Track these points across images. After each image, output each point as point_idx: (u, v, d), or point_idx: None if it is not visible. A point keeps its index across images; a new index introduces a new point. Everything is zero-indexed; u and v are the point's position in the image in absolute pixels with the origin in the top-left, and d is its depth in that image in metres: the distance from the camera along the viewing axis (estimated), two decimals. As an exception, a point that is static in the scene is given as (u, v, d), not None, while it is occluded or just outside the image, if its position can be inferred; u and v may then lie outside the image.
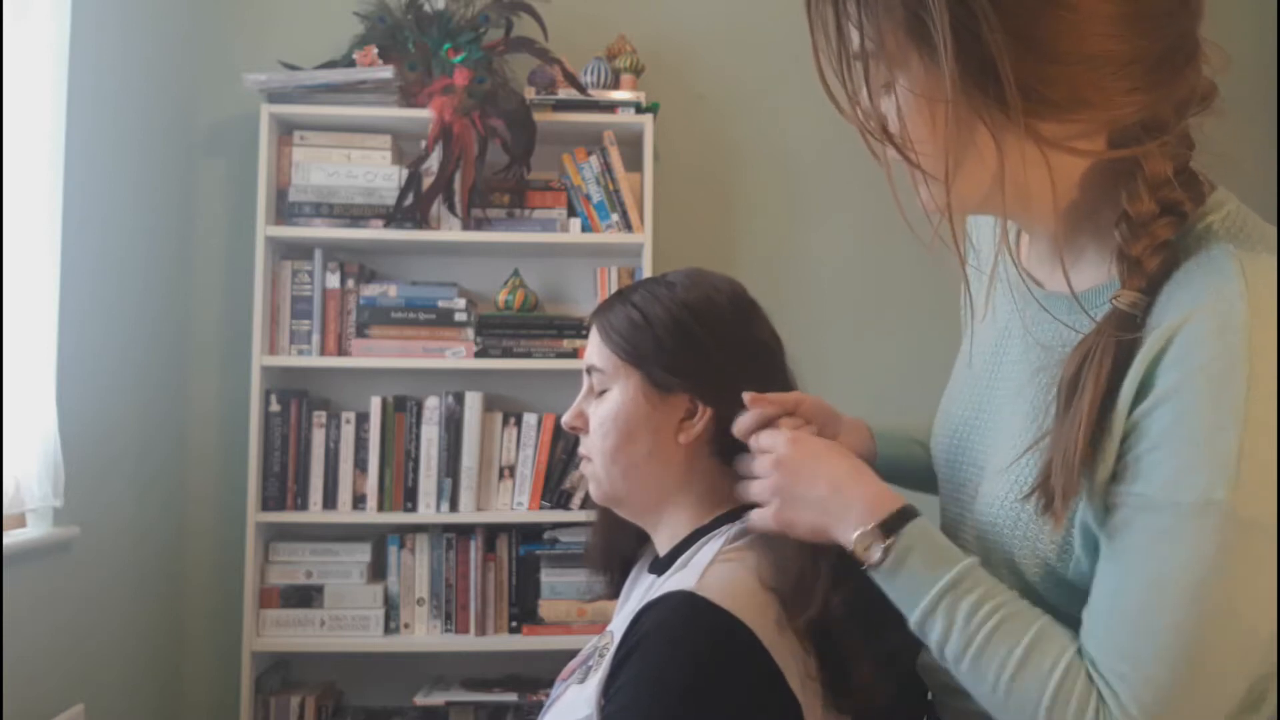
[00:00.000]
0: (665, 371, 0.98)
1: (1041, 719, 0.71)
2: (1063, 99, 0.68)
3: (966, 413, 0.89)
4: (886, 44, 0.71)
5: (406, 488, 2.39)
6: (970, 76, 0.68)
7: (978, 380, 0.88)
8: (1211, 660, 0.67)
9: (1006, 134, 0.69)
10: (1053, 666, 0.71)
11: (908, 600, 0.77)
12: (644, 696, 0.82)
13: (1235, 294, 0.66)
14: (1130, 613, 0.69)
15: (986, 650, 0.73)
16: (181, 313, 2.48)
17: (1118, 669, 0.69)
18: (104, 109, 2.09)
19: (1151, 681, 0.68)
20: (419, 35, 2.43)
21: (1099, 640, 0.71)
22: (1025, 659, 0.72)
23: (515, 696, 2.34)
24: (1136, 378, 0.68)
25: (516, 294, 2.45)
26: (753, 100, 2.67)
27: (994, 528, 0.80)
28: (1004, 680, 0.72)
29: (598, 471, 1.01)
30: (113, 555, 2.14)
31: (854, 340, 2.63)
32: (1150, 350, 0.68)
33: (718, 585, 0.87)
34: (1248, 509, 0.65)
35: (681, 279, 1.02)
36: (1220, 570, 0.66)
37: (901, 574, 0.77)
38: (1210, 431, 0.65)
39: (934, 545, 0.78)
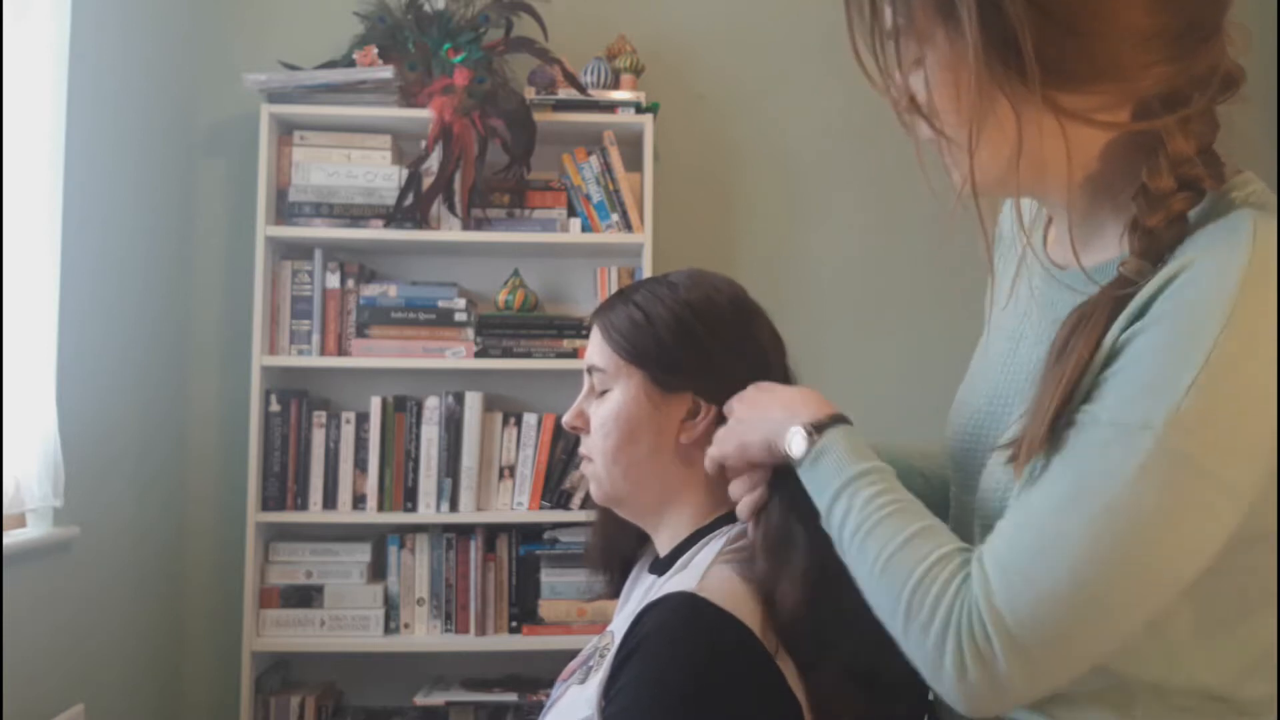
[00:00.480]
0: (668, 371, 0.98)
1: (904, 598, 0.71)
2: (1083, 71, 0.70)
3: (983, 401, 0.89)
4: (916, 18, 0.73)
5: (406, 488, 2.39)
6: (993, 49, 0.69)
7: (994, 368, 0.89)
8: (1099, 583, 0.66)
9: (1026, 105, 0.70)
10: (930, 552, 0.72)
11: (823, 489, 0.80)
12: (645, 698, 0.82)
13: (1243, 244, 0.66)
14: (1037, 514, 0.69)
15: (875, 532, 0.75)
16: (181, 313, 2.48)
17: (1004, 559, 0.69)
18: (104, 109, 2.09)
19: (1030, 581, 0.67)
20: (419, 35, 2.43)
21: (997, 535, 0.71)
22: (906, 542, 0.74)
23: (515, 696, 2.34)
24: (1133, 308, 0.69)
25: (516, 294, 2.45)
26: (753, 100, 2.67)
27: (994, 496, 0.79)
28: (881, 559, 0.74)
29: (599, 472, 1.01)
30: (113, 555, 2.14)
31: (854, 340, 2.63)
32: (1153, 285, 0.68)
33: (719, 586, 0.87)
34: (1184, 442, 0.64)
35: (683, 279, 1.02)
36: (1136, 495, 0.65)
37: (820, 464, 0.81)
38: (1171, 361, 0.65)
39: (853, 445, 0.82)
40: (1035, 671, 0.68)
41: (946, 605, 0.70)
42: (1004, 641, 0.67)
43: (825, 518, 0.80)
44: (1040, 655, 0.67)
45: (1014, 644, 0.67)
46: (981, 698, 0.69)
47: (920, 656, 0.71)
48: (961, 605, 0.69)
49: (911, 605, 0.71)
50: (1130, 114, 0.72)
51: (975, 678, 0.68)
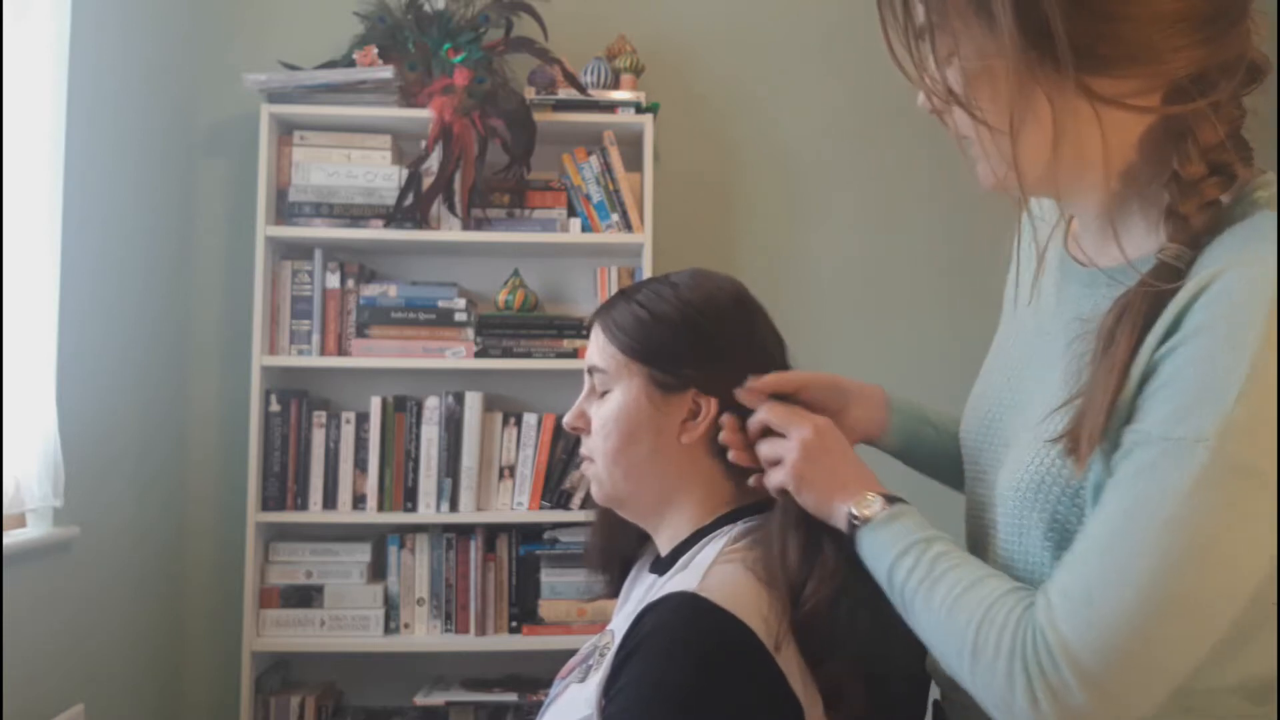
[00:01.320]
0: (671, 368, 0.98)
1: (970, 637, 0.72)
2: (1115, 55, 0.71)
3: (1000, 394, 0.89)
4: (949, 13, 0.74)
5: (406, 488, 2.39)
6: (1027, 37, 0.70)
7: (1012, 364, 0.89)
8: (1168, 601, 0.65)
9: (1061, 93, 0.71)
10: (994, 590, 0.73)
11: (888, 546, 0.81)
12: (645, 698, 0.82)
13: (1271, 249, 0.66)
14: (1100, 540, 0.68)
15: (942, 579, 0.76)
16: (181, 313, 2.48)
17: (1067, 586, 0.68)
18: (104, 109, 2.09)
19: (1095, 606, 0.66)
20: (419, 35, 2.43)
21: (1062, 564, 0.71)
22: (972, 585, 0.74)
23: (515, 696, 2.34)
24: (1166, 321, 0.69)
25: (516, 294, 2.45)
26: (753, 100, 2.67)
27: (1017, 493, 0.79)
28: (948, 602, 0.74)
29: (599, 472, 1.01)
30: (113, 555, 2.14)
31: (854, 340, 2.63)
32: (1183, 297, 0.68)
33: (720, 586, 0.87)
34: (1238, 452, 0.64)
35: (685, 279, 1.02)
36: (1197, 509, 0.64)
37: (892, 526, 0.83)
38: (1216, 373, 0.65)
39: (923, 519, 0.83)
40: (1111, 699, 0.66)
41: (1010, 635, 0.69)
42: (1074, 671, 0.66)
43: (888, 570, 0.80)
44: (1114, 681, 0.66)
45: (1085, 672, 0.66)
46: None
47: (991, 694, 0.70)
48: (1027, 634, 0.69)
49: (978, 642, 0.71)
50: (1161, 99, 0.73)
51: (1049, 709, 0.67)
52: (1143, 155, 0.75)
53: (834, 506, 0.88)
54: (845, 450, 0.92)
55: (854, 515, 0.85)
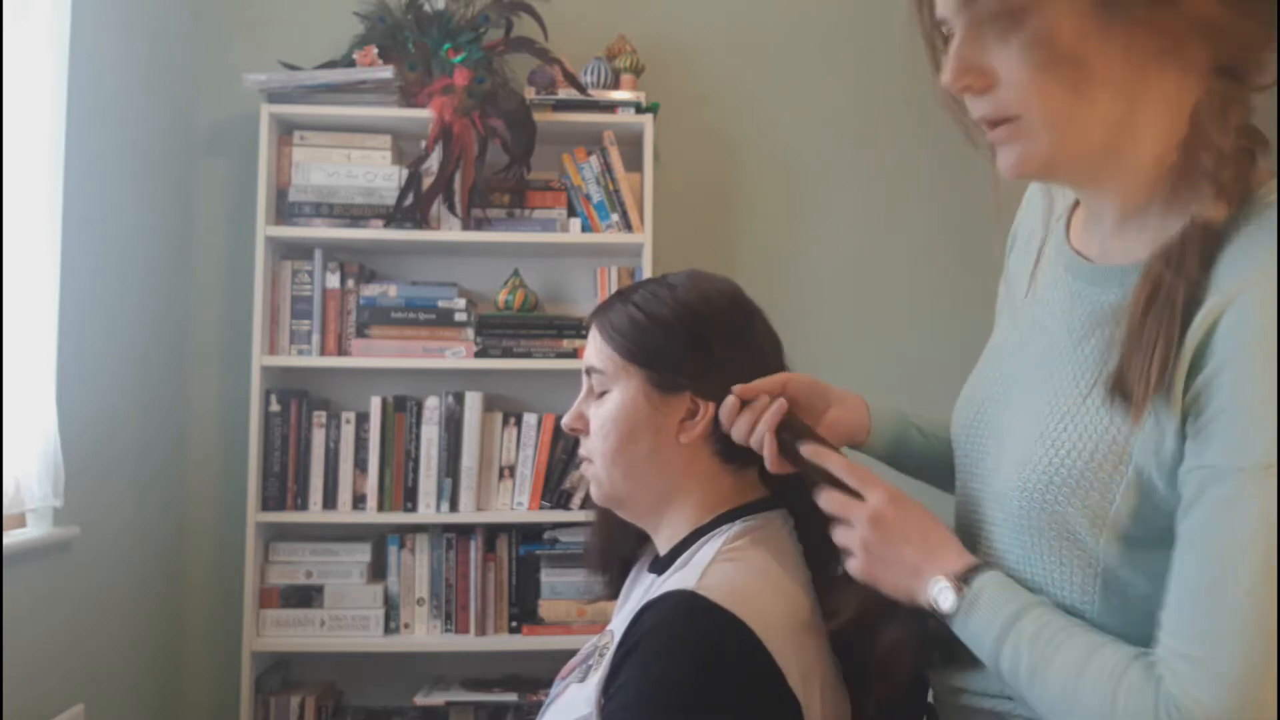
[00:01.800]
0: (668, 370, 0.98)
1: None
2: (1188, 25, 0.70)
3: (993, 389, 0.89)
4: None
5: (406, 488, 2.39)
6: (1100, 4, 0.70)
7: (1008, 360, 0.89)
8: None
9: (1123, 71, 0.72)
10: (1115, 665, 0.71)
11: (983, 637, 0.79)
12: (644, 696, 0.82)
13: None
14: (1200, 590, 0.68)
15: (1054, 662, 0.74)
16: (181, 313, 2.48)
17: (1189, 653, 0.68)
18: (104, 109, 2.09)
19: (1223, 659, 0.66)
20: (419, 35, 2.43)
21: (1170, 629, 0.70)
22: (1088, 660, 0.72)
23: (515, 696, 2.34)
24: (1195, 342, 0.69)
25: (516, 294, 2.45)
26: (753, 100, 2.67)
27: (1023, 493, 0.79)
28: (1070, 687, 0.72)
29: (598, 473, 1.02)
30: (113, 555, 2.14)
31: (853, 340, 2.63)
32: (1206, 318, 0.68)
33: (718, 584, 0.87)
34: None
35: (681, 280, 1.03)
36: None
37: (975, 613, 0.79)
38: (1266, 396, 0.65)
39: (1004, 585, 0.80)
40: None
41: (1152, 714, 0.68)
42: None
43: (993, 665, 0.79)
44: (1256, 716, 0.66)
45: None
46: None
47: None
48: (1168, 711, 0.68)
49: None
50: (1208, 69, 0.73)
51: None
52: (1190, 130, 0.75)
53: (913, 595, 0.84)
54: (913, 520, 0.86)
55: (935, 610, 0.82)
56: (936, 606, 0.82)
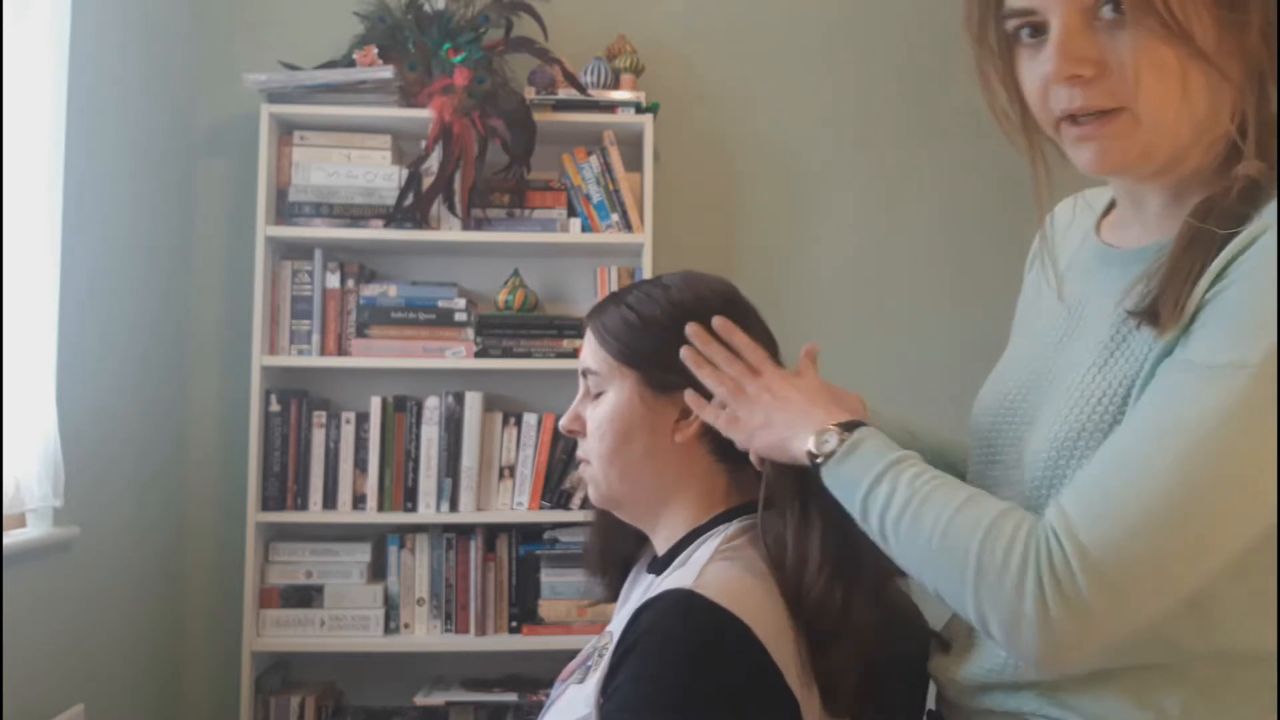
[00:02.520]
0: (661, 372, 0.98)
1: (973, 554, 0.70)
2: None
3: (1022, 376, 0.89)
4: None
5: (406, 488, 2.39)
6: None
7: (1039, 351, 0.89)
8: (1191, 511, 0.66)
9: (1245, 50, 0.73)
10: (989, 509, 0.72)
11: (856, 478, 0.80)
12: (642, 695, 0.83)
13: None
14: (1125, 457, 0.69)
15: (927, 504, 0.75)
16: (181, 313, 2.48)
17: (1088, 501, 0.68)
18: (104, 109, 2.09)
19: (1115, 510, 0.66)
20: (419, 35, 2.43)
21: (1079, 480, 0.70)
22: (962, 506, 0.73)
23: (515, 696, 2.34)
24: (1217, 267, 0.70)
25: (516, 294, 2.45)
26: (753, 100, 2.67)
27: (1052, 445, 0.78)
28: (940, 527, 0.73)
29: (596, 474, 1.02)
30: (113, 555, 2.14)
31: (853, 340, 2.63)
32: (1235, 246, 0.69)
33: (716, 583, 0.87)
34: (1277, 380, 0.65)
35: (676, 281, 1.03)
36: (1233, 429, 0.65)
37: (853, 457, 0.81)
38: (1262, 307, 0.66)
39: (885, 440, 0.82)
40: (1121, 605, 0.67)
41: (1022, 545, 0.69)
42: (1089, 574, 0.66)
43: (862, 505, 0.79)
44: (1126, 586, 0.66)
45: (1101, 575, 0.66)
46: (1065, 639, 0.67)
47: (997, 609, 0.69)
48: (1039, 542, 0.68)
49: (982, 559, 0.70)
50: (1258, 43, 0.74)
51: (1060, 616, 0.66)
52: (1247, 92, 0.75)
53: (792, 447, 0.86)
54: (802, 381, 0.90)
55: (813, 454, 0.84)
56: (814, 451, 0.83)
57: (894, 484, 0.77)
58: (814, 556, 0.88)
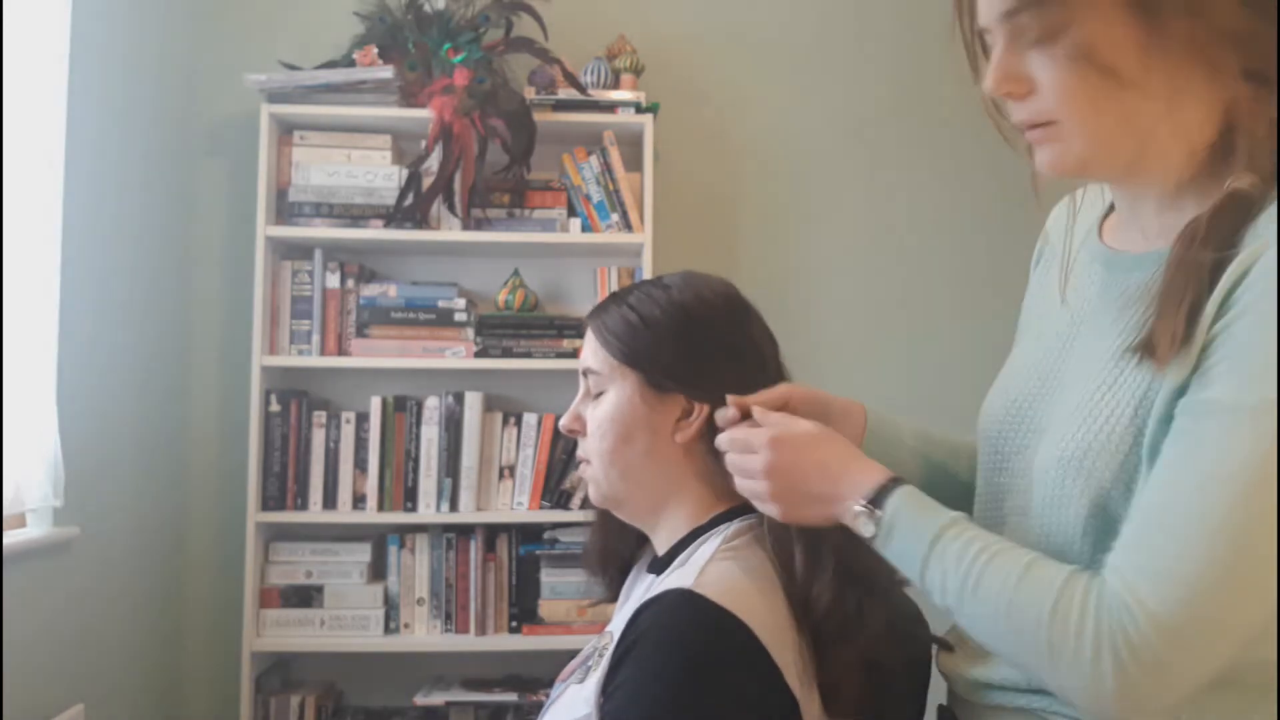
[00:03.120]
0: (661, 372, 0.98)
1: (1044, 635, 0.71)
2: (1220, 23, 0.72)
3: (1028, 383, 0.89)
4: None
5: (406, 488, 2.39)
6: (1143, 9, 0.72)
7: (1045, 356, 0.89)
8: (1252, 563, 0.66)
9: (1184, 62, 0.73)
10: (1051, 581, 0.72)
11: (904, 562, 0.80)
12: (642, 694, 0.83)
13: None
14: (1172, 512, 0.69)
15: (984, 580, 0.75)
16: (182, 313, 2.48)
17: (1146, 565, 0.68)
18: (104, 109, 2.09)
19: (1177, 573, 0.67)
20: (419, 35, 2.43)
21: (1128, 543, 0.71)
22: (1020, 581, 0.73)
23: (515, 696, 2.34)
24: (1219, 296, 0.70)
25: (516, 294, 2.45)
26: (753, 100, 2.67)
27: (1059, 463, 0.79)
28: (1004, 605, 0.73)
29: (596, 474, 1.02)
30: (113, 555, 2.14)
31: (853, 340, 2.63)
32: (1233, 272, 0.70)
33: (716, 583, 0.87)
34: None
35: (676, 281, 1.03)
36: (1274, 471, 0.66)
37: (894, 541, 0.81)
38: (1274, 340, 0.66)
39: (919, 507, 0.81)
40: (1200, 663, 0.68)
41: (1093, 622, 0.69)
42: (1165, 641, 0.67)
43: (919, 584, 0.80)
44: (1204, 645, 0.68)
45: (1178, 639, 0.67)
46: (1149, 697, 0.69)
47: (1077, 685, 0.70)
48: (1110, 615, 0.69)
49: (1054, 642, 0.70)
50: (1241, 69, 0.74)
51: (1140, 682, 0.68)
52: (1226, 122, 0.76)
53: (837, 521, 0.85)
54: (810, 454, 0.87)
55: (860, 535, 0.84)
56: (860, 534, 0.83)
57: (942, 565, 0.77)
58: (826, 564, 0.88)
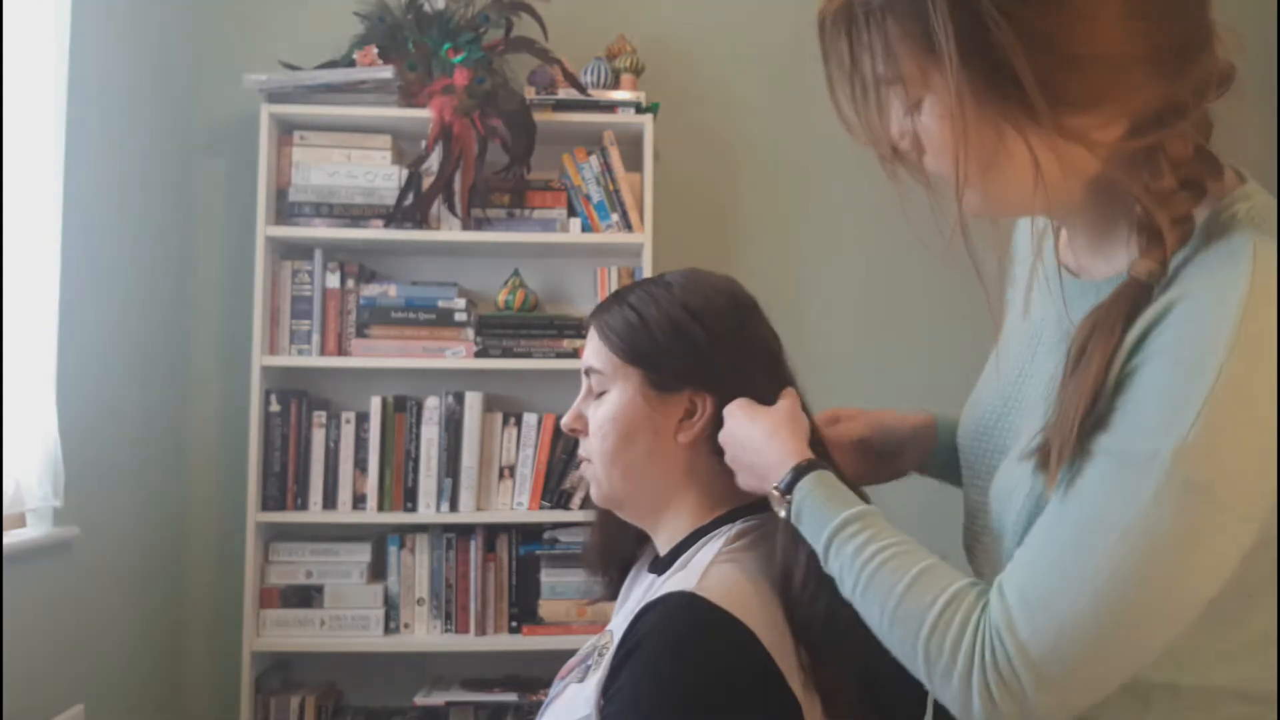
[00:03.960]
0: (664, 371, 0.98)
1: (920, 649, 0.72)
2: (1082, 97, 0.69)
3: (995, 404, 0.90)
4: (904, 67, 0.73)
5: (406, 488, 2.39)
6: (988, 83, 0.69)
7: (1008, 375, 0.89)
8: (1121, 610, 0.67)
9: (1034, 133, 0.70)
10: (936, 597, 0.73)
11: (815, 546, 0.82)
12: (644, 697, 0.82)
13: (1242, 273, 0.66)
14: (1055, 547, 0.70)
15: (874, 583, 0.76)
16: (182, 313, 2.48)
17: (1026, 593, 0.69)
18: (104, 109, 2.09)
19: (1051, 611, 0.68)
20: (419, 35, 2.43)
21: (1018, 562, 0.72)
22: (907, 591, 0.74)
23: (515, 696, 2.34)
24: (1133, 338, 0.69)
25: (516, 294, 2.45)
26: (753, 100, 2.67)
27: (995, 500, 0.81)
28: (888, 610, 0.75)
29: (598, 473, 1.02)
30: (113, 555, 2.14)
31: (854, 340, 2.63)
32: (1150, 315, 0.69)
33: (718, 586, 0.87)
34: (1194, 470, 0.65)
35: (679, 279, 1.02)
36: (1151, 523, 0.65)
37: (803, 528, 0.84)
38: (1178, 389, 0.66)
39: (825, 498, 0.83)
40: (1064, 698, 0.69)
41: (968, 644, 0.71)
42: (1030, 673, 0.68)
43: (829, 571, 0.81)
44: (1066, 683, 0.68)
45: (1041, 675, 0.68)
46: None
47: (948, 698, 0.72)
48: (983, 641, 0.70)
49: (930, 652, 0.72)
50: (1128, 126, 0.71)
51: (1006, 709, 0.69)
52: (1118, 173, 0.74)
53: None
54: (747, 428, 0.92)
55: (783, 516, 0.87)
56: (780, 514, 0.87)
57: (840, 560, 0.79)
58: (799, 568, 0.88)
